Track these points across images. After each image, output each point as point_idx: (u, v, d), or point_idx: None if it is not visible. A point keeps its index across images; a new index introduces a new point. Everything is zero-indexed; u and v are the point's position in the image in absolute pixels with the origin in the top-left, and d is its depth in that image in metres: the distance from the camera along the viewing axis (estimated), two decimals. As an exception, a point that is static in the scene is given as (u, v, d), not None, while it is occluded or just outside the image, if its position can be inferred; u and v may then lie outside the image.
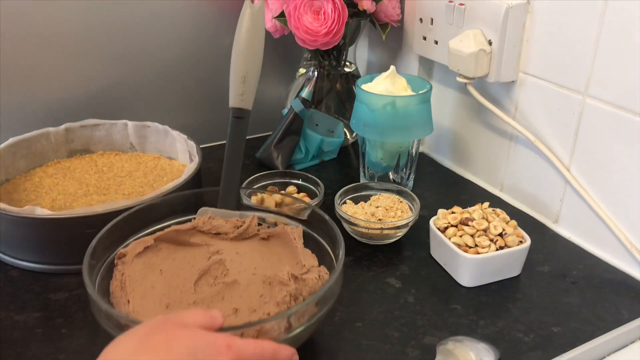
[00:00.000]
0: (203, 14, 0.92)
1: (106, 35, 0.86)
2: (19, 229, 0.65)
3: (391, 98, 0.75)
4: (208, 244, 0.61)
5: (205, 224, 0.62)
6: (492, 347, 0.55)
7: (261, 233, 0.63)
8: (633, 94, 0.63)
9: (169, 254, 0.59)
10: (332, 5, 0.79)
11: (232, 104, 0.64)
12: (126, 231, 0.59)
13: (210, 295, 0.54)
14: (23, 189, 0.75)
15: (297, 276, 0.54)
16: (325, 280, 0.55)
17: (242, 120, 0.64)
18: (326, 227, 0.59)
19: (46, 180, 0.78)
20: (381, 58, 1.02)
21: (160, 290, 0.55)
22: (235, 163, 0.64)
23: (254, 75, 0.64)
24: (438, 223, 0.67)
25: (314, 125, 0.91)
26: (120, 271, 0.56)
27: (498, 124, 0.81)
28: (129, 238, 0.59)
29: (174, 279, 0.56)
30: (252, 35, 0.63)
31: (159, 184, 0.77)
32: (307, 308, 0.48)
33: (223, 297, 0.54)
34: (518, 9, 0.72)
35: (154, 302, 0.53)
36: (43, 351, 0.55)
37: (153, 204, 0.62)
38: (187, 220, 0.63)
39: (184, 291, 0.55)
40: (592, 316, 0.60)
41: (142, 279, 0.56)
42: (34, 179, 0.78)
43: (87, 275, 0.51)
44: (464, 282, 0.64)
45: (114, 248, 0.57)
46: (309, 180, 0.80)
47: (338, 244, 0.56)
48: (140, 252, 0.57)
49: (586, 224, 0.71)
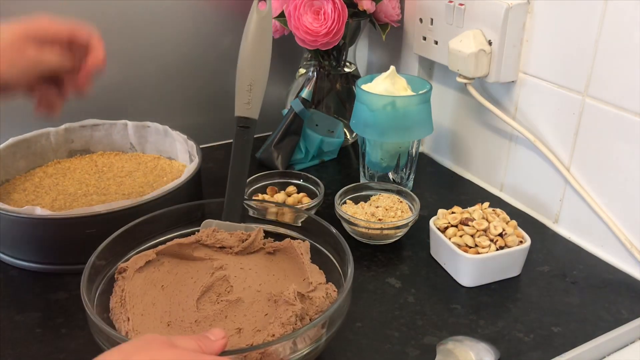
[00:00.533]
0: (203, 14, 0.92)
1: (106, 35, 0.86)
2: (19, 229, 0.65)
3: (391, 98, 0.75)
4: (212, 258, 0.60)
5: (209, 237, 0.60)
6: (492, 347, 0.55)
7: (267, 247, 0.61)
8: (633, 94, 0.63)
9: (171, 269, 0.58)
10: (332, 5, 0.79)
11: (238, 112, 0.62)
12: (127, 244, 0.58)
13: (213, 313, 0.53)
14: (23, 189, 0.75)
15: (303, 294, 0.52)
16: (333, 298, 0.54)
17: (247, 130, 0.62)
18: (334, 241, 0.58)
19: (46, 180, 0.78)
20: (381, 58, 1.03)
21: (162, 307, 0.54)
22: (240, 174, 0.62)
23: (261, 83, 0.62)
24: (438, 223, 0.67)
25: (314, 125, 0.91)
26: (120, 287, 0.54)
27: (498, 124, 0.81)
28: (130, 251, 0.58)
29: (175, 295, 0.55)
30: (259, 41, 0.61)
31: (159, 184, 0.77)
32: (314, 329, 0.47)
33: (226, 315, 0.53)
34: (518, 9, 0.72)
35: (154, 319, 0.52)
36: (43, 351, 0.55)
37: (155, 216, 0.60)
38: (190, 232, 0.61)
39: (186, 309, 0.54)
40: (592, 316, 0.60)
41: (142, 294, 0.54)
42: (33, 179, 0.78)
43: (85, 293, 0.50)
44: (464, 282, 0.64)
45: (114, 262, 0.57)
46: (309, 180, 0.80)
47: (347, 260, 0.54)
48: (141, 267, 0.56)
49: (586, 224, 0.71)
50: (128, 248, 0.58)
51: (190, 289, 0.56)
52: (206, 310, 0.54)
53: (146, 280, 0.56)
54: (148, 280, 0.56)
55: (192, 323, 0.52)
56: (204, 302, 0.55)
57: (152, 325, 0.52)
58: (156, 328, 0.51)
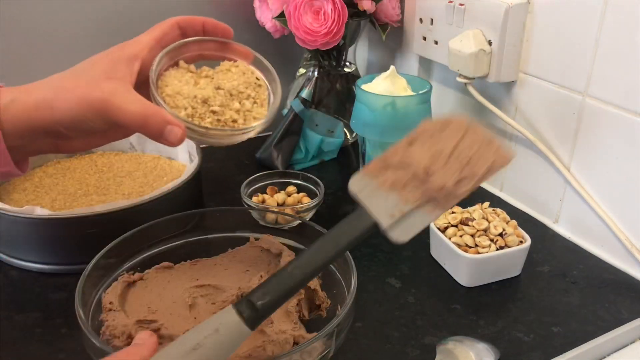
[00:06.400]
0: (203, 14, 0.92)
1: (106, 35, 0.86)
2: (18, 229, 0.65)
3: (391, 98, 0.75)
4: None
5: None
6: (492, 347, 0.55)
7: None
8: (633, 94, 0.63)
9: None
10: (332, 6, 0.79)
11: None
12: (130, 247, 0.58)
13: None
14: (23, 188, 0.75)
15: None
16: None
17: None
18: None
19: (46, 180, 0.78)
20: (381, 58, 1.02)
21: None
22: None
23: None
24: (438, 223, 0.67)
25: (314, 125, 0.91)
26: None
27: (498, 124, 0.81)
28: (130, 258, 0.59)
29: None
30: None
31: (159, 184, 0.77)
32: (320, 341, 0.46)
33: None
34: (518, 9, 0.72)
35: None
36: (43, 351, 0.55)
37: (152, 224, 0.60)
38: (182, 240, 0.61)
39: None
40: (592, 316, 0.60)
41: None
42: (33, 178, 0.78)
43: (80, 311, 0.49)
44: (464, 282, 0.64)
45: (108, 275, 0.56)
46: (309, 180, 0.80)
47: (350, 271, 0.53)
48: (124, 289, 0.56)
49: (586, 224, 0.71)
50: (133, 251, 0.59)
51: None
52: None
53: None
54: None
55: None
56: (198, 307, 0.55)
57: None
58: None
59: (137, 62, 0.47)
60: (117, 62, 0.46)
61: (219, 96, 0.49)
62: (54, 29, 0.83)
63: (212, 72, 0.52)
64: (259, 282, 0.50)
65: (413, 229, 0.40)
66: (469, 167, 0.40)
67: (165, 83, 0.49)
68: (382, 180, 0.41)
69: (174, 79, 0.50)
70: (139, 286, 0.57)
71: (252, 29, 0.93)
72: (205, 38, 0.52)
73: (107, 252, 0.56)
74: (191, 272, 0.59)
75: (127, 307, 0.54)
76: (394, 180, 0.41)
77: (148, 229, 0.59)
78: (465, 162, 0.40)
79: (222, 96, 0.50)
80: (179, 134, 0.45)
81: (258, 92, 0.52)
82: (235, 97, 0.50)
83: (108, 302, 0.53)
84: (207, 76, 0.52)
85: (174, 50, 0.50)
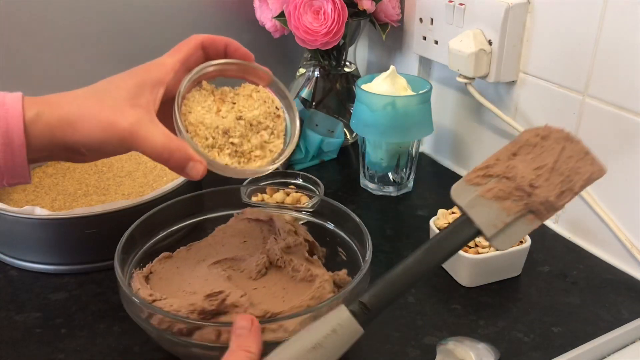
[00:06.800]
0: (203, 14, 0.92)
1: (106, 35, 0.86)
2: (18, 229, 0.65)
3: (391, 98, 0.75)
4: None
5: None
6: (492, 347, 0.55)
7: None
8: (633, 94, 0.63)
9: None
10: (332, 5, 0.79)
11: None
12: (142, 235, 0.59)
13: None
14: (23, 188, 0.75)
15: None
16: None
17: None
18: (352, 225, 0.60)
19: (46, 180, 0.78)
20: (381, 58, 1.02)
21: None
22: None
23: None
24: (438, 223, 0.67)
25: (314, 125, 0.91)
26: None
27: (498, 124, 0.81)
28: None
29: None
30: None
31: (159, 184, 0.77)
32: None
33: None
34: (518, 9, 0.72)
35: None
36: (43, 351, 0.55)
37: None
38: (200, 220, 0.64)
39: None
40: (592, 316, 0.60)
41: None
42: (33, 179, 0.78)
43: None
44: (464, 282, 0.64)
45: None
46: (309, 180, 0.80)
47: (365, 243, 0.56)
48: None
49: (586, 224, 0.71)
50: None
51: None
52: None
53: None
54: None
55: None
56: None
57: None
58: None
59: (162, 88, 0.48)
60: (142, 86, 0.46)
61: (239, 127, 0.51)
62: (53, 29, 0.83)
63: (233, 93, 0.53)
64: (269, 244, 0.58)
65: (514, 238, 0.43)
66: (568, 180, 0.42)
67: (189, 109, 0.50)
68: (485, 189, 0.43)
69: (197, 104, 0.51)
70: (154, 279, 0.57)
71: (252, 29, 0.93)
72: (229, 61, 0.53)
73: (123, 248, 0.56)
74: (194, 255, 0.60)
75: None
76: (498, 190, 0.43)
77: (148, 220, 0.60)
78: (566, 175, 0.42)
79: (242, 127, 0.51)
80: (200, 170, 0.47)
81: (276, 123, 0.53)
82: (254, 127, 0.52)
83: (148, 295, 0.52)
84: (229, 101, 0.53)
85: (198, 74, 0.51)
